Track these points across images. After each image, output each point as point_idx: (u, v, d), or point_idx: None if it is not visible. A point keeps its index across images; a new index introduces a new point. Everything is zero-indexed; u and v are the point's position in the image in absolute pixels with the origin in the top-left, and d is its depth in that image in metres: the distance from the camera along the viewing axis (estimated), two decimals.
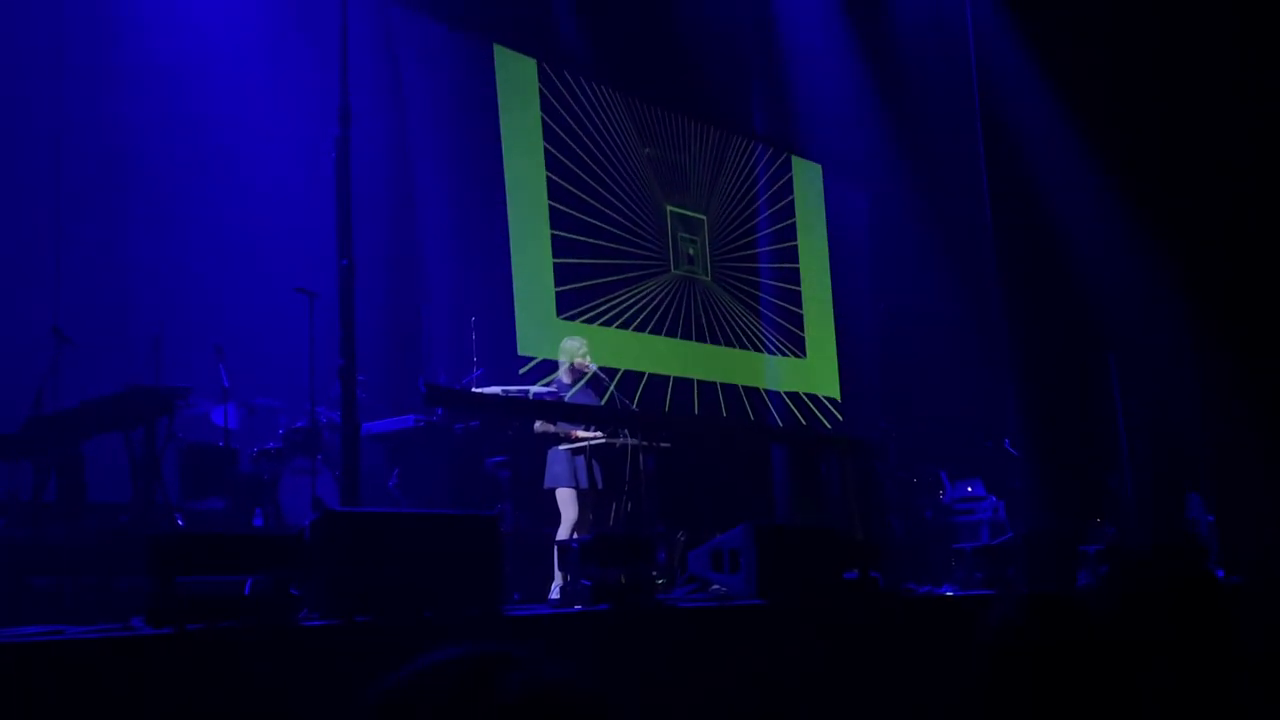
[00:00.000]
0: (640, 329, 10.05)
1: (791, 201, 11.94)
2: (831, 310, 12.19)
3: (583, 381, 8.39)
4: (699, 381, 10.39)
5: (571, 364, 8.27)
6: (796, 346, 11.72)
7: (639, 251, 10.40)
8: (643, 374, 9.90)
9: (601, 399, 8.59)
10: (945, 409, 11.75)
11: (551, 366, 8.66)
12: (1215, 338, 11.00)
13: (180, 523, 7.25)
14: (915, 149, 12.24)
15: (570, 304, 9.59)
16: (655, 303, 10.36)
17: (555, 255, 9.55)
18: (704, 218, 11.26)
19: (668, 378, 10.08)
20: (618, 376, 9.27)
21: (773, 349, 11.39)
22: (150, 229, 9.21)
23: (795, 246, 11.86)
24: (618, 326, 9.77)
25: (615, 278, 10.12)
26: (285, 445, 8.49)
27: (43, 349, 7.67)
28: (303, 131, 9.90)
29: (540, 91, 9.80)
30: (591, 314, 9.65)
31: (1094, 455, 11.35)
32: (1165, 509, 10.55)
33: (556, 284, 9.46)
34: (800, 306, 11.85)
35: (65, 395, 7.41)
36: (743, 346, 11.14)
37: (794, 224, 11.99)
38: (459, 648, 1.07)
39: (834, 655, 5.70)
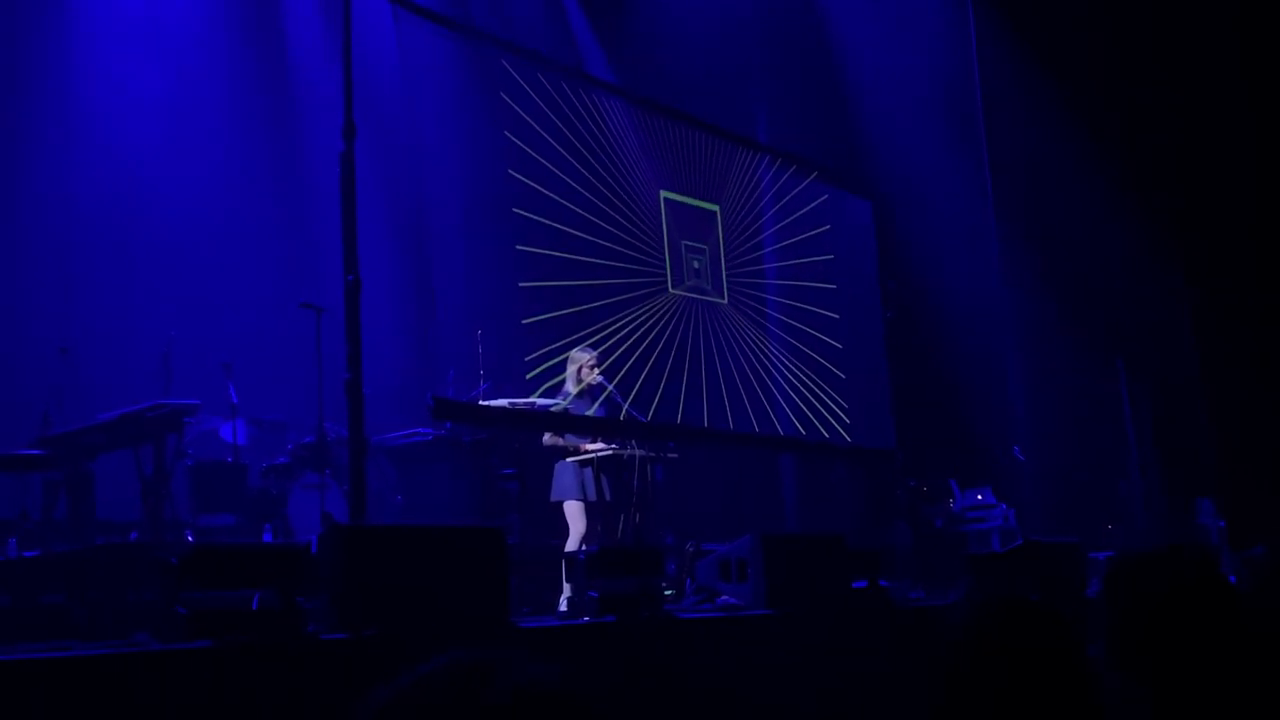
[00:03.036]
0: (641, 361, 9.93)
1: (802, 215, 11.93)
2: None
3: (599, 401, 8.38)
4: (708, 391, 10.37)
5: (579, 376, 8.27)
6: (819, 375, 11.65)
7: (632, 267, 10.26)
8: (657, 387, 9.83)
9: (608, 412, 8.57)
10: (954, 417, 11.73)
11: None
12: (1224, 340, 10.97)
13: (190, 538, 7.28)
14: (919, 154, 12.23)
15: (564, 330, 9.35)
16: (654, 330, 10.23)
17: (553, 278, 9.38)
18: (716, 208, 11.24)
19: (679, 389, 10.04)
20: (632, 395, 9.23)
21: (785, 382, 11.29)
22: (157, 246, 9.25)
23: (802, 261, 11.82)
24: (618, 357, 9.65)
25: (604, 301, 9.90)
26: (293, 460, 8.51)
27: (51, 368, 7.71)
28: (309, 146, 9.96)
29: (549, 102, 9.80)
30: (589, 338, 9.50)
31: (1104, 461, 11.33)
32: (1176, 514, 10.51)
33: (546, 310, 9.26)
34: (815, 328, 11.79)
35: (74, 413, 7.44)
36: (758, 378, 11.04)
37: (806, 239, 11.96)
38: (447, 655, 1.08)
39: (842, 664, 5.68)
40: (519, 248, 9.12)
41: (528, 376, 8.58)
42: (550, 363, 8.78)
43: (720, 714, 5.10)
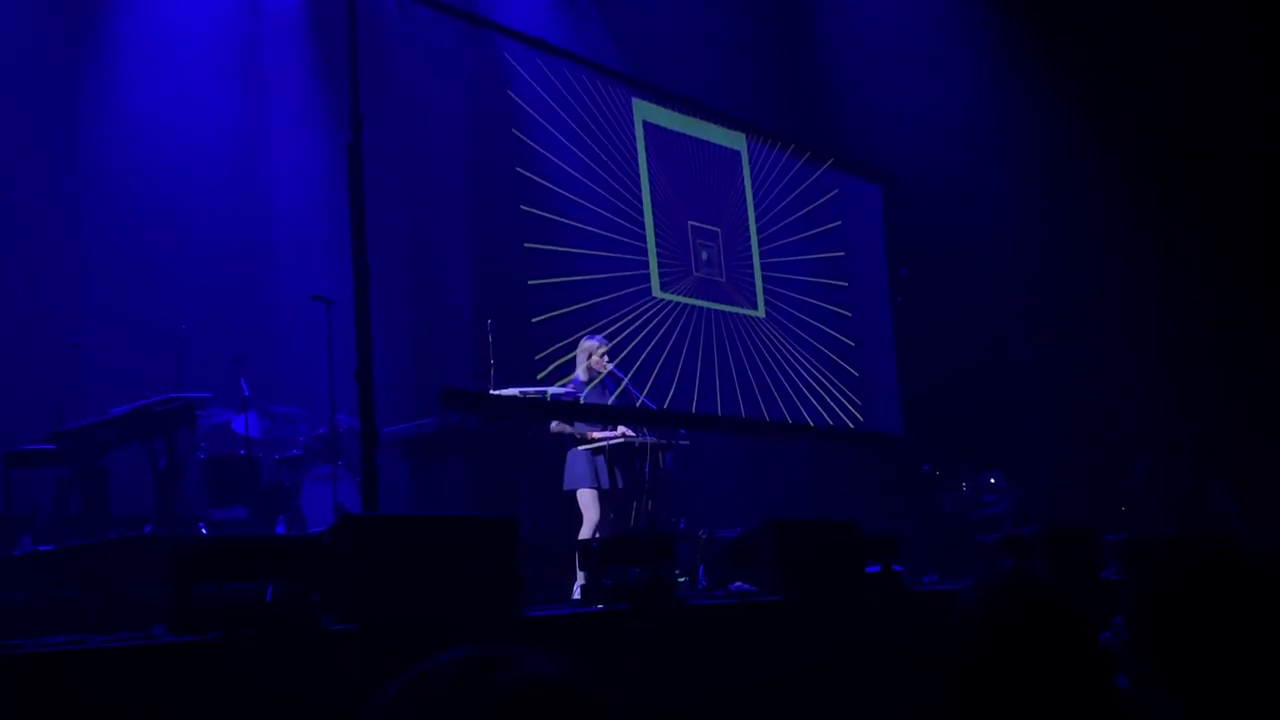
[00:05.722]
0: (654, 353, 9.86)
1: (812, 200, 11.89)
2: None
3: (615, 393, 8.38)
4: (720, 380, 10.36)
5: (589, 363, 8.27)
6: (833, 361, 11.62)
7: (637, 258, 10.17)
8: (673, 376, 9.81)
9: (622, 401, 8.57)
10: (966, 400, 11.70)
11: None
12: (1238, 322, 10.92)
13: (203, 531, 7.31)
14: (929, 139, 12.16)
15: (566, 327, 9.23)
16: (665, 324, 10.13)
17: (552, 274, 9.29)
18: (742, 139, 11.22)
19: (694, 377, 10.03)
20: (647, 387, 9.22)
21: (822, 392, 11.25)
22: (167, 241, 9.27)
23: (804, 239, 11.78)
24: (632, 349, 9.58)
25: (614, 295, 9.79)
26: (306, 452, 8.54)
27: (63, 363, 7.74)
28: (318, 139, 9.97)
29: (554, 93, 9.77)
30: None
31: (1118, 444, 11.28)
32: (1188, 498, 10.47)
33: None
34: (827, 314, 11.75)
35: (86, 408, 7.47)
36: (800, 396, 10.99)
37: (817, 223, 11.91)
38: (457, 649, 1.08)
39: (856, 650, 5.68)
40: (528, 245, 9.11)
41: (539, 376, 8.58)
42: (561, 360, 8.78)
43: (733, 701, 5.10)
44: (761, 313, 11.08)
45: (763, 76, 12.36)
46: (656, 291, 10.03)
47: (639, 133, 10.36)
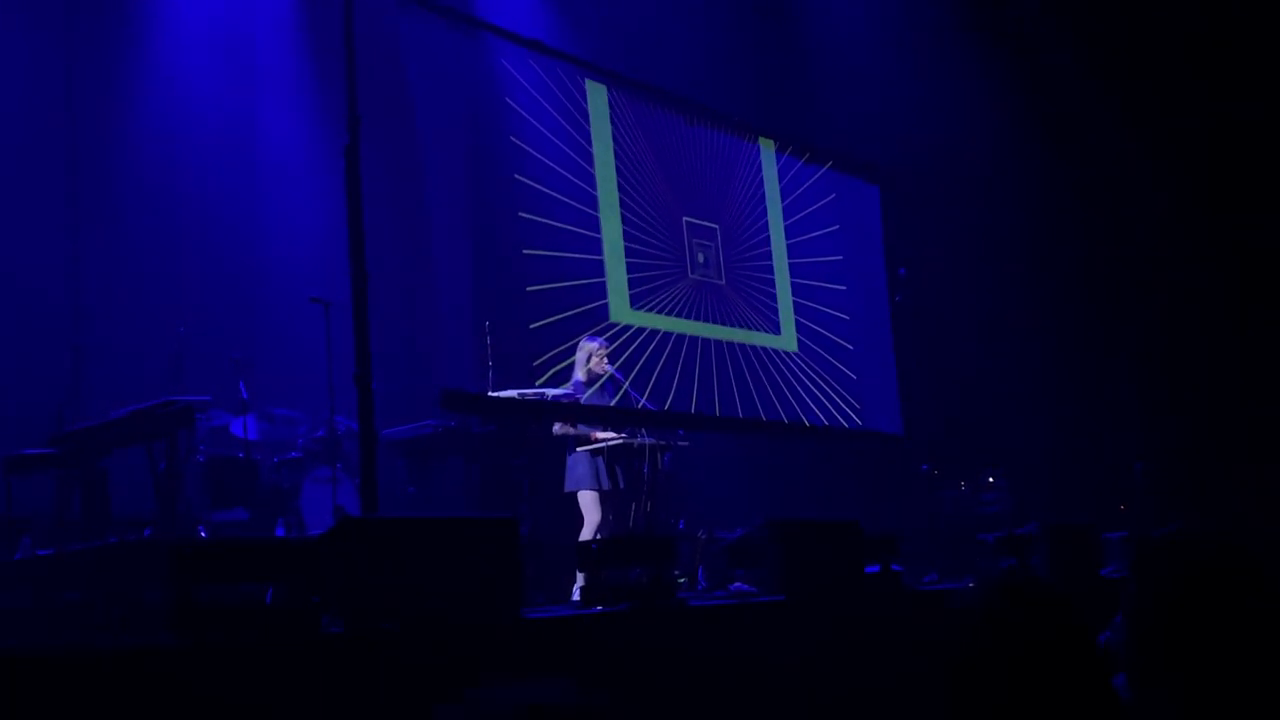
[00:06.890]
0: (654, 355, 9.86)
1: (809, 201, 11.88)
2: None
3: (616, 397, 8.37)
4: (718, 379, 10.35)
5: (589, 365, 8.27)
6: (833, 361, 11.63)
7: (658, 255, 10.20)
8: (673, 376, 9.81)
9: (622, 403, 8.57)
10: (966, 399, 11.70)
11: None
12: (1240, 321, 10.91)
13: (203, 534, 7.31)
14: (926, 138, 12.15)
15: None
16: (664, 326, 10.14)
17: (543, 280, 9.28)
18: (772, 143, 11.21)
19: (693, 378, 10.03)
20: (648, 390, 9.23)
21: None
22: (166, 243, 9.28)
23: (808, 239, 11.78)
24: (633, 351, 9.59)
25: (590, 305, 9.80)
26: (305, 455, 8.54)
27: (63, 366, 7.74)
28: (315, 141, 9.98)
29: (558, 96, 9.77)
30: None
31: (1117, 443, 11.28)
32: (1187, 498, 10.46)
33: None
34: (827, 315, 11.75)
35: (86, 411, 7.47)
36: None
37: (815, 223, 11.90)
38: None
39: (856, 649, 5.69)
40: (526, 251, 9.11)
41: (537, 383, 8.58)
42: (560, 366, 8.78)
43: (733, 701, 5.11)
44: (793, 346, 11.08)
45: (759, 76, 12.35)
46: (619, 314, 9.88)
47: (592, 113, 10.22)
